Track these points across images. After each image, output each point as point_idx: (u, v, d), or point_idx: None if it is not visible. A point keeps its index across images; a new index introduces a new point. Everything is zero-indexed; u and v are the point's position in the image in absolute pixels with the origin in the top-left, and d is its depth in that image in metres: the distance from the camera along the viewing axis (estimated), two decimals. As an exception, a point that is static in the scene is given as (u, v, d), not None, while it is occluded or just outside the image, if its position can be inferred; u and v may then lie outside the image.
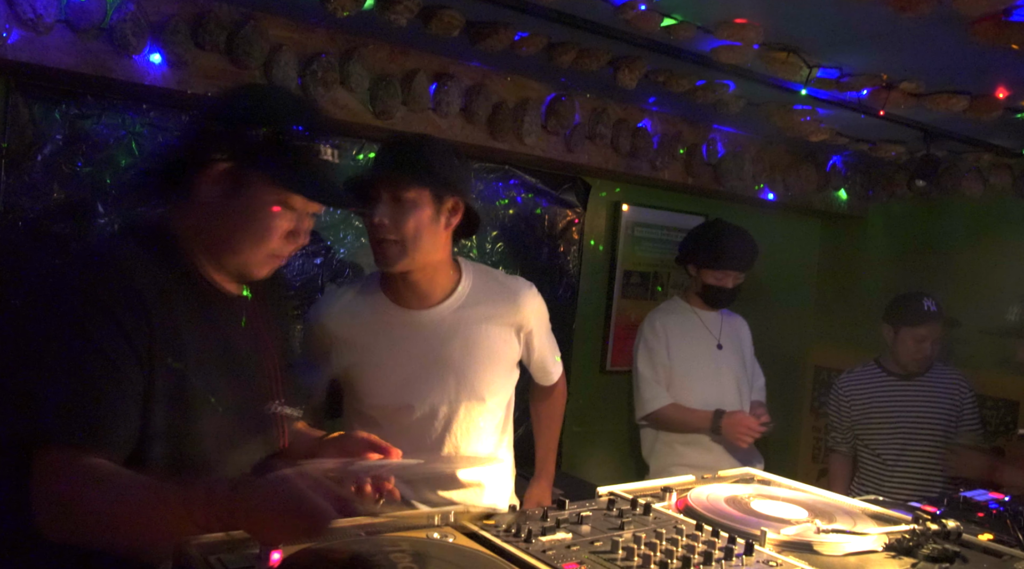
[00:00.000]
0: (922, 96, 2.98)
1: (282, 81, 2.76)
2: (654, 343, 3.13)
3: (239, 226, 1.33)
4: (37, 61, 2.39)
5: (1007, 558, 1.37)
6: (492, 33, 2.67)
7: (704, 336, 3.19)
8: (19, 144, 2.62)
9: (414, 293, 1.95)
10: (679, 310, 3.24)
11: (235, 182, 1.31)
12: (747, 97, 3.28)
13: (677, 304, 3.29)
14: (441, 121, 3.20)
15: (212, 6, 2.63)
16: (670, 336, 3.14)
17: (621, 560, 1.19)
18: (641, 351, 3.16)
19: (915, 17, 2.18)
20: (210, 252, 1.37)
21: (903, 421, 3.22)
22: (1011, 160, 3.91)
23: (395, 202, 1.83)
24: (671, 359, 3.12)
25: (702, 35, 2.55)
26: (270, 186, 1.31)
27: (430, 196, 1.85)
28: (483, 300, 2.00)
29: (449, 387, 1.94)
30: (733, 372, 3.20)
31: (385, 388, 1.93)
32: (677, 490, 1.59)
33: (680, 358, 3.13)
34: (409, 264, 1.87)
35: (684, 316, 3.22)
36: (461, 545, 1.23)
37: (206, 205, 1.33)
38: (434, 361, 1.94)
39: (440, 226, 1.89)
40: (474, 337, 1.97)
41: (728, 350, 3.21)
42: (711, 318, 3.23)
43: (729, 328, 3.27)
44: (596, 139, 3.59)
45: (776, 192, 4.35)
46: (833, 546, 1.32)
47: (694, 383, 3.13)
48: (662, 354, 3.12)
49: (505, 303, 2.03)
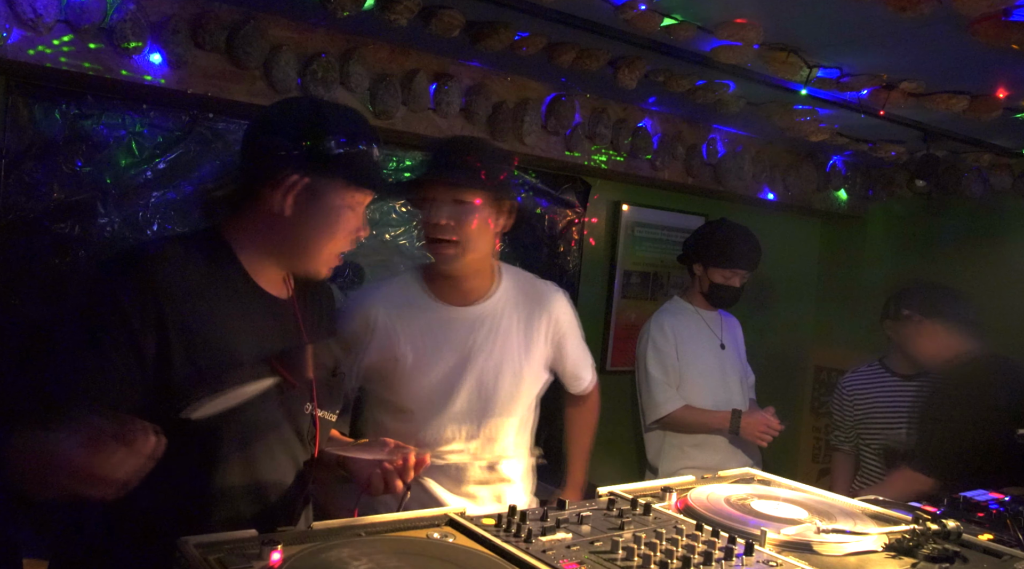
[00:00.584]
0: (922, 96, 2.98)
1: (282, 81, 2.76)
2: (663, 344, 3.09)
3: (313, 232, 1.45)
4: (37, 61, 2.39)
5: (1007, 558, 1.37)
6: (492, 33, 2.67)
7: (708, 336, 3.17)
8: (19, 144, 2.62)
9: (458, 290, 2.02)
10: (683, 310, 3.22)
11: (307, 191, 1.42)
12: (747, 97, 3.28)
13: (680, 304, 3.26)
14: (441, 121, 3.20)
15: (212, 6, 2.63)
16: (678, 337, 3.10)
17: (621, 560, 1.19)
18: (650, 353, 3.11)
19: (915, 17, 2.18)
20: (272, 255, 1.47)
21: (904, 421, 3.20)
22: (1011, 160, 3.91)
23: (457, 204, 1.90)
24: (680, 360, 3.09)
25: (702, 35, 2.55)
26: (340, 189, 1.45)
27: (490, 199, 1.93)
28: (519, 300, 2.08)
29: (484, 382, 2.00)
30: (736, 371, 3.21)
31: (423, 379, 1.97)
32: (677, 490, 1.59)
33: (688, 359, 3.10)
34: (465, 264, 1.95)
35: (688, 316, 3.19)
36: (461, 545, 1.23)
37: (274, 213, 1.43)
38: (471, 356, 1.99)
39: (494, 228, 1.98)
40: (509, 335, 2.04)
41: (729, 349, 3.21)
42: (713, 318, 3.22)
43: (728, 327, 3.27)
44: (596, 139, 3.59)
45: (776, 192, 4.35)
46: (833, 546, 1.32)
47: (702, 384, 3.11)
48: (671, 355, 3.08)
49: (539, 305, 2.11)
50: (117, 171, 2.80)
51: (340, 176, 1.44)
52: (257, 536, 1.14)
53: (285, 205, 1.42)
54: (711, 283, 3.13)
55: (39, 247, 2.67)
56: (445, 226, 1.90)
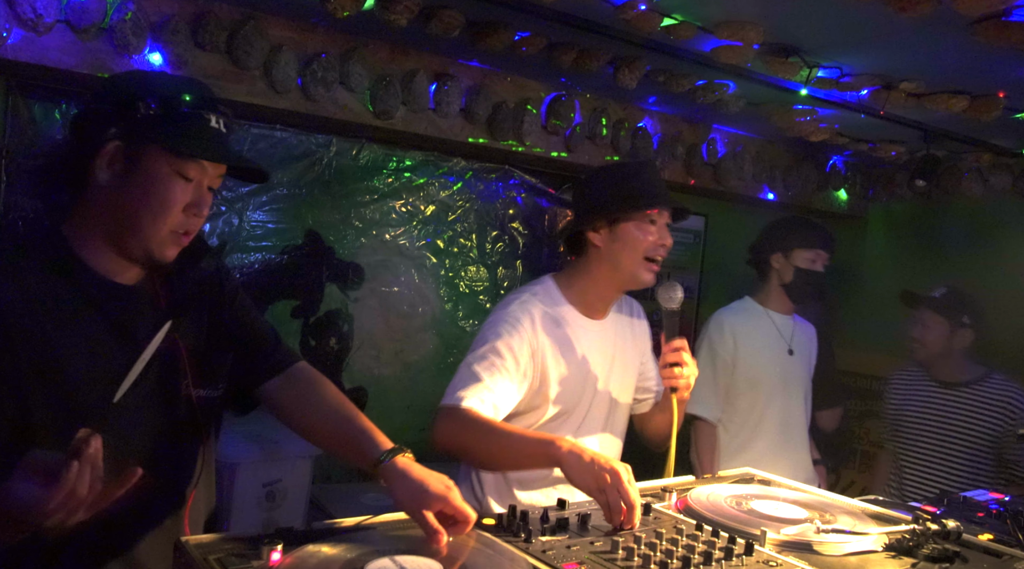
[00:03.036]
0: (922, 96, 2.98)
1: (282, 81, 2.76)
2: (719, 345, 2.88)
3: (137, 204, 1.31)
4: (37, 61, 2.39)
5: (1007, 558, 1.37)
6: (492, 33, 2.67)
7: (776, 340, 2.94)
8: (19, 144, 2.62)
9: (607, 305, 2.06)
10: (751, 311, 2.98)
11: (127, 160, 1.30)
12: (747, 97, 3.28)
13: (749, 304, 3.01)
14: (441, 121, 3.20)
15: (212, 6, 2.63)
16: (738, 338, 2.88)
17: (621, 560, 1.19)
18: (703, 351, 2.90)
19: (915, 17, 2.18)
20: (109, 239, 1.35)
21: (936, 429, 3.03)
22: (1011, 160, 3.91)
23: (666, 226, 1.99)
24: (735, 364, 2.88)
25: (702, 35, 2.55)
26: (161, 156, 1.31)
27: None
28: (624, 312, 2.14)
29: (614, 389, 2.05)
30: (801, 383, 2.98)
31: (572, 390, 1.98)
32: (677, 490, 1.59)
33: (747, 363, 2.88)
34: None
35: (757, 318, 2.96)
36: (461, 545, 1.23)
37: (102, 189, 1.32)
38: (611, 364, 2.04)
39: None
40: (628, 344, 2.10)
41: (798, 356, 2.97)
42: (784, 322, 2.98)
43: (801, 334, 3.02)
44: (596, 139, 3.59)
45: (776, 192, 4.35)
46: (833, 546, 1.32)
47: (759, 391, 2.90)
48: (726, 358, 2.87)
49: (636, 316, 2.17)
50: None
51: (156, 141, 1.29)
52: (257, 536, 1.14)
53: (106, 177, 1.31)
54: (795, 269, 2.91)
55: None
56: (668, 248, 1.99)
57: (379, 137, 3.33)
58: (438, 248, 3.72)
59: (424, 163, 3.58)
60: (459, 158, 3.64)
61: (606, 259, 1.99)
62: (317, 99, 2.87)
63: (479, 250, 3.82)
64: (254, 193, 3.19)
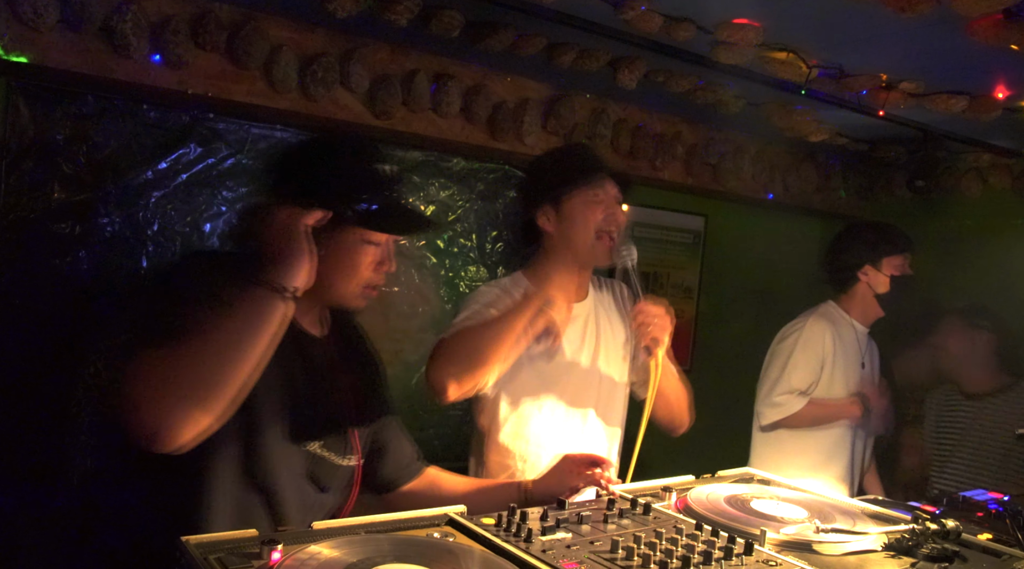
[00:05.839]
0: (921, 96, 2.98)
1: (282, 81, 2.76)
2: (815, 349, 2.83)
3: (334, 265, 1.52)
4: (37, 61, 2.39)
5: (1007, 558, 1.37)
6: (492, 33, 2.67)
7: (855, 353, 2.91)
8: (19, 144, 2.62)
9: (577, 287, 2.09)
10: (841, 320, 2.94)
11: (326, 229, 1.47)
12: (747, 97, 3.28)
13: (838, 312, 2.96)
14: (441, 121, 3.20)
15: (212, 6, 2.63)
16: (829, 347, 2.85)
17: (621, 560, 1.19)
18: (797, 351, 2.84)
19: (915, 17, 2.19)
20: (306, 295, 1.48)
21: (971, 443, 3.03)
22: (1010, 160, 3.91)
23: (617, 203, 2.02)
24: (823, 373, 2.84)
25: (702, 35, 2.55)
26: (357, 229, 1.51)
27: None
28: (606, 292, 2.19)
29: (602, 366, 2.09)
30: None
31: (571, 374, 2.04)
32: (677, 490, 1.59)
33: (834, 374, 2.86)
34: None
35: (846, 328, 2.92)
36: (461, 545, 1.23)
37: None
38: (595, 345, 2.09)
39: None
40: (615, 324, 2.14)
41: (868, 371, 2.96)
42: (863, 334, 2.96)
43: (870, 349, 3.00)
44: (596, 139, 3.59)
45: (776, 192, 4.35)
46: (833, 546, 1.32)
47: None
48: (816, 365, 2.83)
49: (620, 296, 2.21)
50: (117, 171, 2.80)
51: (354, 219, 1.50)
52: (257, 536, 1.14)
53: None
54: (890, 278, 2.85)
55: (39, 247, 2.68)
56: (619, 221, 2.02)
57: (379, 137, 3.33)
58: (438, 248, 3.72)
59: (424, 163, 3.58)
60: (459, 158, 3.63)
61: (559, 242, 2.03)
62: (317, 99, 2.87)
63: (479, 250, 3.82)
64: (255, 193, 3.19)
